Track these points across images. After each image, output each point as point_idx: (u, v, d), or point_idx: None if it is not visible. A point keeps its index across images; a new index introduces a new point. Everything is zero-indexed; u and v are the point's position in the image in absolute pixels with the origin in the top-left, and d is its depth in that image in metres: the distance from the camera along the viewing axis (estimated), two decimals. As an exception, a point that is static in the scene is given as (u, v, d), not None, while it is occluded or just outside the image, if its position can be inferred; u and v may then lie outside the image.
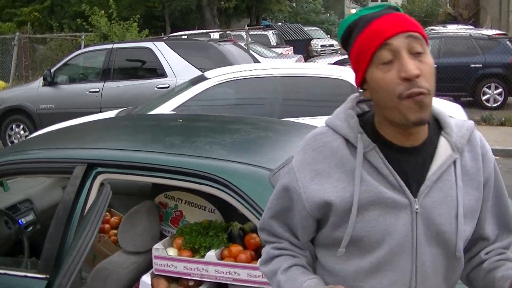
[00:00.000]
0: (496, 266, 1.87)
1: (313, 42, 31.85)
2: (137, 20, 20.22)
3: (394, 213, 1.76)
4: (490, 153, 1.90)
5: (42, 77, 12.07)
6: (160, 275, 3.30)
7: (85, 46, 15.83)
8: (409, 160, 1.78)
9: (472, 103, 16.09)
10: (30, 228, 4.55)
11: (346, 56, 22.43)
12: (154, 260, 3.30)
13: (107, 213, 4.53)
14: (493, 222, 1.93)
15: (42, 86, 11.95)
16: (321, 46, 31.49)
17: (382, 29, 1.68)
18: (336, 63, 18.90)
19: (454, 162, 1.80)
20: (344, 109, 1.87)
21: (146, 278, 3.28)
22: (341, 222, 1.79)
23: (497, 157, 11.05)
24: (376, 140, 1.79)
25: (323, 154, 1.82)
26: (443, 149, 1.81)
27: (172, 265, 3.26)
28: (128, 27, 19.48)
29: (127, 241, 3.44)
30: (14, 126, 12.27)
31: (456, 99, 16.57)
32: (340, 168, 1.79)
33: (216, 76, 7.90)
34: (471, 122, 1.91)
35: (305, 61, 22.40)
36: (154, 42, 11.53)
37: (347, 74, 7.60)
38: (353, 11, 1.81)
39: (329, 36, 37.43)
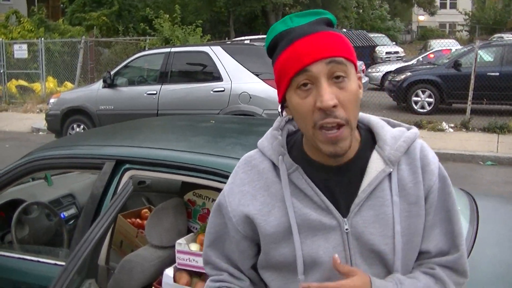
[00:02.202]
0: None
1: (378, 48, 31.65)
2: (200, 25, 20.50)
3: (322, 235, 1.70)
4: (432, 165, 1.77)
5: (102, 79, 12.38)
6: (183, 269, 3.40)
7: (147, 50, 16.12)
8: (336, 179, 1.72)
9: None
10: (72, 221, 4.73)
11: (410, 63, 22.24)
12: (176, 255, 3.40)
13: (146, 209, 4.68)
14: (439, 238, 1.80)
15: (102, 88, 12.26)
16: (386, 53, 31.30)
17: (302, 53, 1.59)
18: (396, 70, 18.82)
19: (390, 177, 1.72)
20: (270, 129, 1.85)
21: (169, 272, 3.37)
22: (271, 246, 1.75)
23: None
24: (302, 160, 1.74)
25: (250, 177, 1.80)
26: (374, 164, 1.72)
27: (194, 260, 3.35)
28: (191, 32, 19.78)
29: (153, 236, 3.55)
30: (75, 125, 12.65)
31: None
32: (266, 191, 1.76)
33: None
34: (413, 132, 1.80)
35: (368, 67, 22.31)
36: (211, 47, 11.66)
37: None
38: (421, 18, 1.62)
39: (394, 43, 37.06)
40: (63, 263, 3.35)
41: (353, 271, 1.65)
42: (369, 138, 1.79)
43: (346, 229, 1.69)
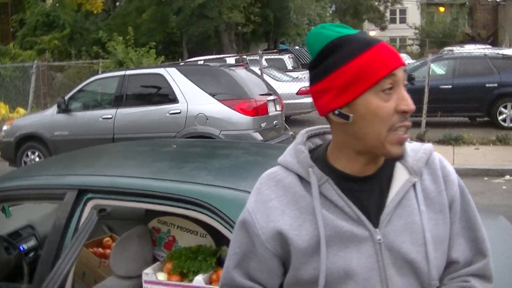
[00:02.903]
0: None
1: (330, 65, 31.88)
2: (153, 47, 20.43)
3: (354, 246, 1.70)
4: (452, 175, 1.83)
5: (56, 104, 12.20)
6: (151, 300, 3.33)
7: (101, 73, 15.99)
8: (365, 189, 1.74)
9: (488, 123, 16.03)
10: (32, 253, 4.60)
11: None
12: (144, 285, 3.33)
13: (108, 238, 4.58)
14: (464, 246, 1.84)
15: (56, 113, 12.08)
16: (339, 68, 31.49)
17: (388, 57, 1.64)
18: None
19: (414, 186, 1.75)
20: (294, 144, 1.84)
21: (136, 303, 3.31)
22: (303, 261, 1.72)
23: (512, 177, 10.99)
24: (329, 172, 1.74)
25: (276, 192, 1.77)
26: (400, 175, 1.76)
27: (161, 290, 3.29)
28: (144, 53, 19.69)
29: (119, 266, 3.48)
30: (29, 153, 12.41)
31: (472, 119, 16.57)
32: (295, 205, 1.74)
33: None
34: (429, 145, 1.86)
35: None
36: (166, 68, 11.60)
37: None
38: (372, 33, 1.71)
39: (346, 58, 37.39)
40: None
41: None
42: None
43: (379, 239, 1.70)
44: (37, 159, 12.31)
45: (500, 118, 15.93)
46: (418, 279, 1.73)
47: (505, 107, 15.88)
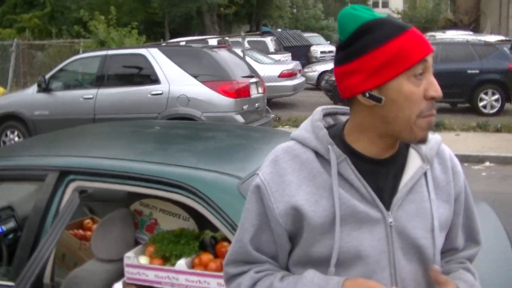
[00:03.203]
0: (450, 271, 1.86)
1: (312, 48, 31.84)
2: (135, 27, 20.26)
3: (368, 227, 1.70)
4: (459, 167, 1.88)
5: (37, 84, 12.05)
6: (132, 284, 3.29)
7: (82, 53, 15.82)
8: (381, 172, 1.74)
9: (469, 109, 16.10)
10: (11, 235, 4.53)
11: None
12: (125, 268, 3.28)
13: (89, 220, 4.53)
14: (461, 234, 1.94)
15: (36, 92, 11.95)
16: (321, 52, 31.47)
17: (421, 43, 1.64)
18: (332, 70, 18.93)
19: (425, 174, 1.77)
20: (311, 121, 1.82)
21: (118, 286, 3.26)
22: (317, 238, 1.71)
23: (492, 164, 11.04)
24: (347, 152, 1.73)
25: (292, 167, 1.75)
26: (413, 161, 1.78)
27: (143, 274, 3.24)
28: (126, 33, 19.52)
29: (100, 249, 3.43)
30: (9, 132, 12.29)
31: (453, 105, 16.62)
32: (311, 181, 1.72)
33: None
34: (438, 136, 1.87)
35: (303, 67, 22.41)
36: (148, 49, 11.52)
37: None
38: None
39: (329, 42, 37.37)
40: (3, 283, 3.19)
41: (450, 282, 1.72)
42: None
43: (391, 222, 1.71)
44: (16, 138, 12.19)
45: (481, 104, 16.01)
46: (422, 265, 1.76)
47: (486, 94, 15.96)
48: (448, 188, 1.82)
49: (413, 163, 1.77)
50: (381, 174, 1.75)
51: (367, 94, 1.66)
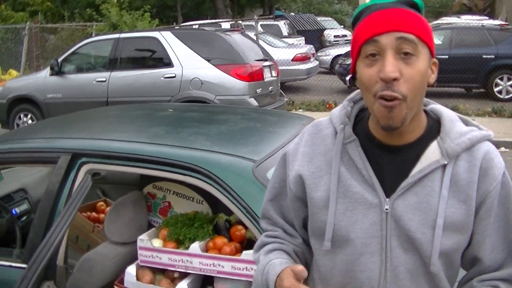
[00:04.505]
0: None
1: (326, 32, 31.63)
2: (148, 10, 20.21)
3: (362, 210, 1.69)
4: (496, 170, 1.70)
5: (49, 67, 12.04)
6: (145, 266, 3.27)
7: (95, 36, 15.79)
8: (389, 158, 1.71)
9: (484, 94, 15.95)
10: (24, 217, 4.53)
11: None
12: (139, 251, 3.27)
13: (102, 202, 4.52)
14: (498, 247, 1.75)
15: (49, 75, 11.94)
16: (334, 36, 31.25)
17: (375, 24, 1.61)
18: (347, 53, 18.84)
19: (444, 169, 1.68)
20: (346, 99, 1.87)
21: (131, 269, 3.24)
22: (315, 211, 1.77)
23: (507, 150, 10.95)
24: (363, 134, 1.75)
25: (313, 140, 1.83)
26: (431, 153, 1.69)
27: (157, 257, 3.22)
28: (139, 17, 19.49)
29: (113, 232, 3.41)
30: (22, 115, 12.31)
31: (467, 90, 16.50)
32: (323, 156, 1.78)
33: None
34: (482, 133, 1.74)
35: (317, 51, 22.31)
36: (161, 32, 11.46)
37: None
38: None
39: (342, 26, 37.14)
40: (17, 265, 3.18)
41: None
42: (435, 129, 1.76)
43: (386, 209, 1.69)
44: (29, 121, 12.21)
45: (496, 89, 15.83)
46: (421, 259, 1.69)
47: (501, 79, 15.77)
48: (468, 189, 1.68)
49: (430, 155, 1.69)
50: (389, 161, 1.71)
51: (351, 78, 1.74)
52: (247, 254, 2.98)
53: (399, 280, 1.69)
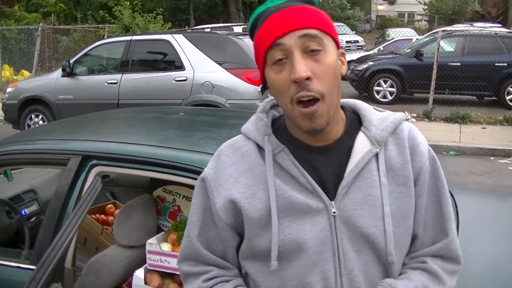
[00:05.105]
0: (402, 272, 1.74)
1: (338, 37, 31.61)
2: (161, 13, 20.26)
3: (309, 218, 1.63)
4: (422, 146, 1.73)
5: (61, 68, 12.07)
6: (154, 270, 3.26)
7: (107, 38, 15.83)
8: (322, 160, 1.67)
9: (496, 103, 15.89)
10: (34, 218, 4.53)
11: (371, 52, 22.29)
12: (147, 255, 3.26)
13: (111, 205, 4.51)
14: (430, 224, 1.76)
15: (61, 76, 11.96)
16: (346, 42, 31.22)
17: (274, 27, 1.56)
18: (359, 59, 18.83)
19: (377, 157, 1.67)
20: (256, 113, 1.80)
21: (139, 273, 3.24)
22: (256, 231, 1.67)
23: (518, 157, 10.90)
24: (288, 141, 1.69)
25: (232, 160, 1.73)
26: (361, 145, 1.68)
27: (165, 261, 3.22)
28: (151, 19, 19.53)
29: (122, 235, 3.40)
30: (33, 116, 12.33)
31: (479, 98, 16.43)
32: (249, 173, 1.69)
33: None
34: (400, 114, 1.76)
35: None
36: (173, 35, 11.46)
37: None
38: (380, 7, 1.60)
39: (354, 32, 37.12)
40: (25, 266, 3.17)
41: None
42: (355, 120, 1.76)
43: (334, 212, 1.63)
44: (40, 122, 12.24)
45: (508, 98, 15.77)
46: (375, 255, 1.67)
47: (514, 87, 15.72)
48: (405, 170, 1.68)
49: (361, 147, 1.68)
50: (323, 162, 1.67)
51: (262, 88, 1.68)
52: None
53: (355, 283, 1.65)
